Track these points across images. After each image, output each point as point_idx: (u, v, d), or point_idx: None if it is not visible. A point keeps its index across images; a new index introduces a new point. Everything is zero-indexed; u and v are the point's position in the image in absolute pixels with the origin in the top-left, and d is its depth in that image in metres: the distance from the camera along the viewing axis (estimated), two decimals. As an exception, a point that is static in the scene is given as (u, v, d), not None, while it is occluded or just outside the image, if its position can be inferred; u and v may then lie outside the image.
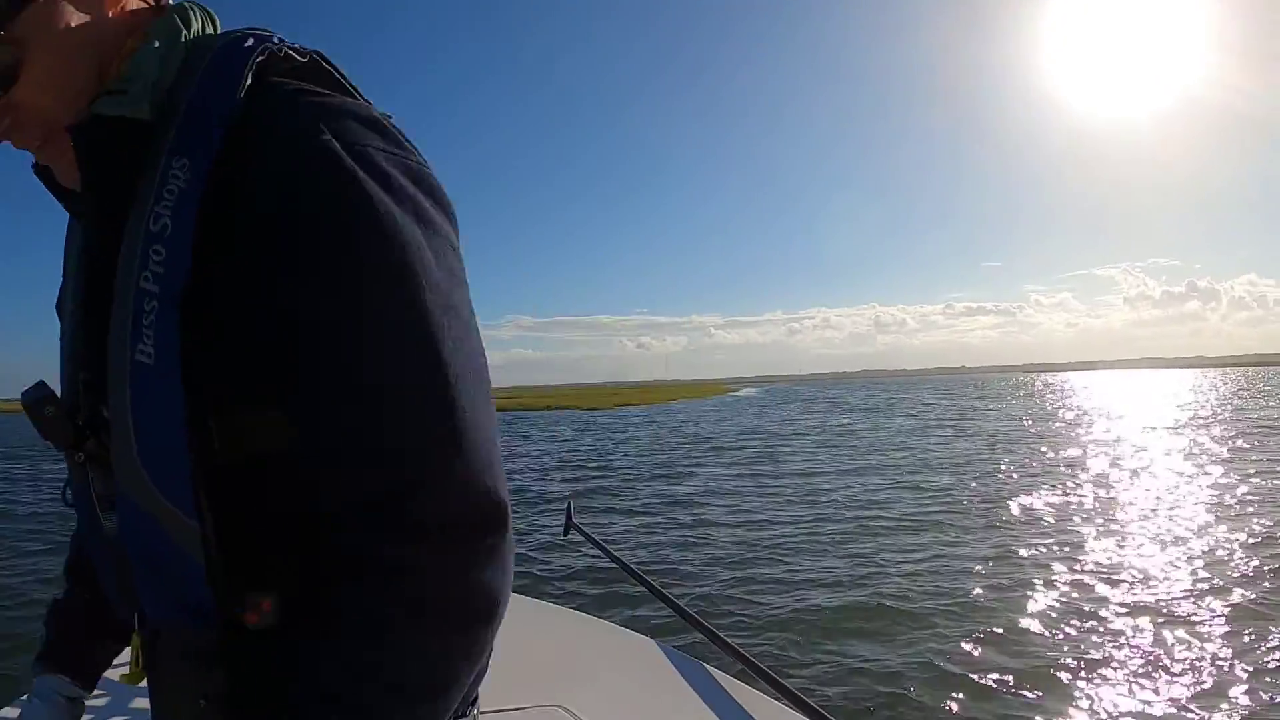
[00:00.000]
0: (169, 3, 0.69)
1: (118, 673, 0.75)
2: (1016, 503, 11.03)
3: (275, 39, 0.65)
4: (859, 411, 41.73)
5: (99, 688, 0.86)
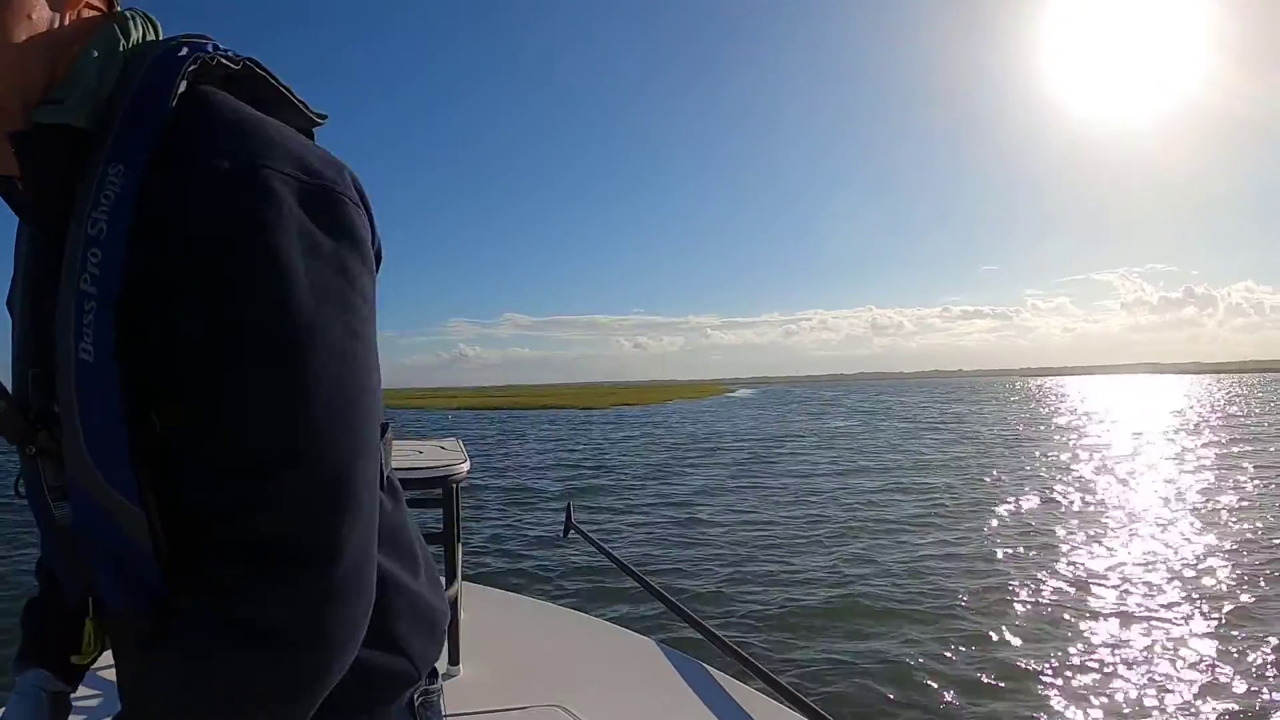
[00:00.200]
0: (120, 10, 0.70)
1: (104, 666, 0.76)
2: (1009, 506, 11.09)
3: (209, 47, 0.67)
4: (856, 414, 41.81)
5: (85, 685, 0.85)
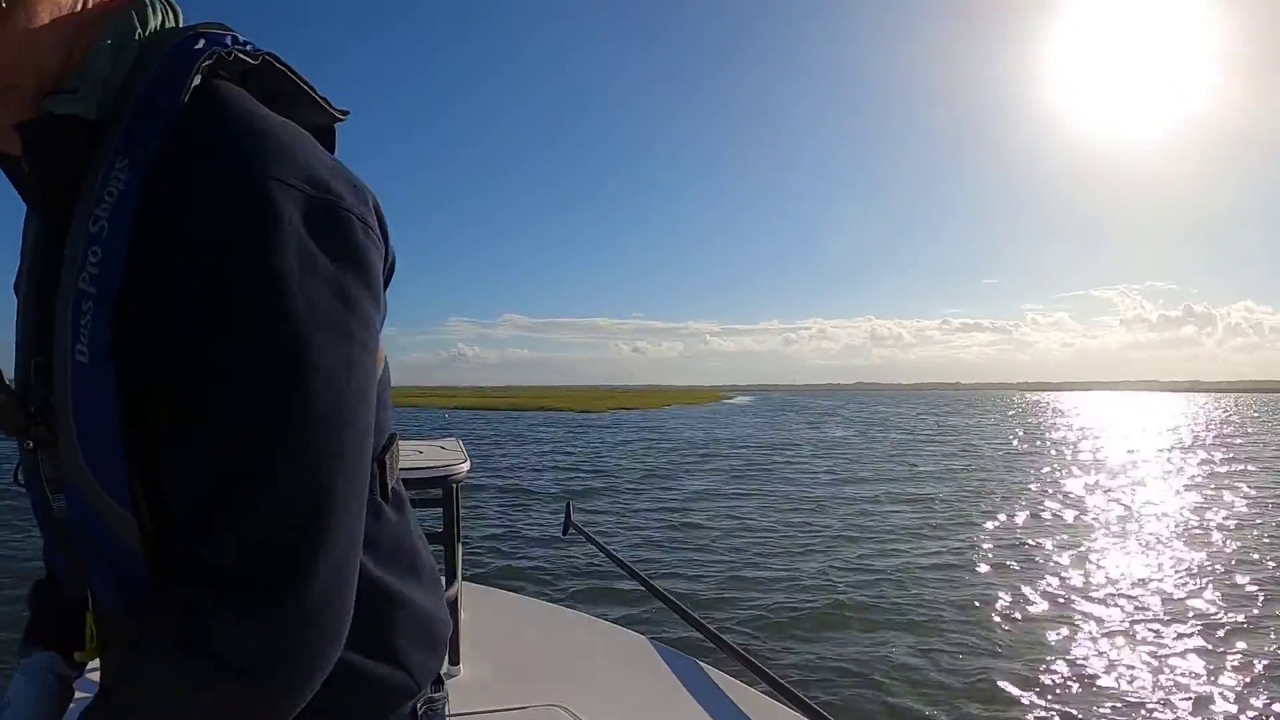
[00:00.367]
0: None
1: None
2: (1003, 518, 11.13)
3: (228, 39, 0.64)
4: (853, 424, 41.90)
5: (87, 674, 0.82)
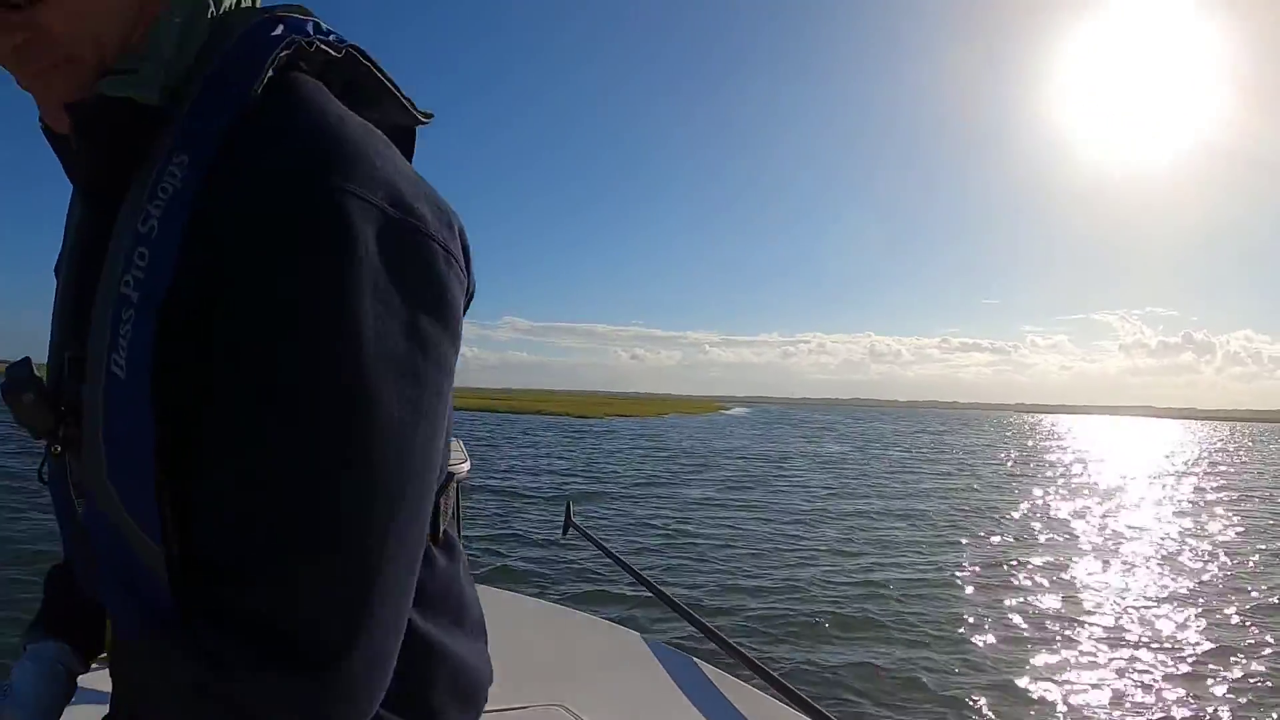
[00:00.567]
0: None
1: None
2: (999, 532, 11.16)
3: (309, 26, 0.58)
4: (849, 439, 41.97)
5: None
